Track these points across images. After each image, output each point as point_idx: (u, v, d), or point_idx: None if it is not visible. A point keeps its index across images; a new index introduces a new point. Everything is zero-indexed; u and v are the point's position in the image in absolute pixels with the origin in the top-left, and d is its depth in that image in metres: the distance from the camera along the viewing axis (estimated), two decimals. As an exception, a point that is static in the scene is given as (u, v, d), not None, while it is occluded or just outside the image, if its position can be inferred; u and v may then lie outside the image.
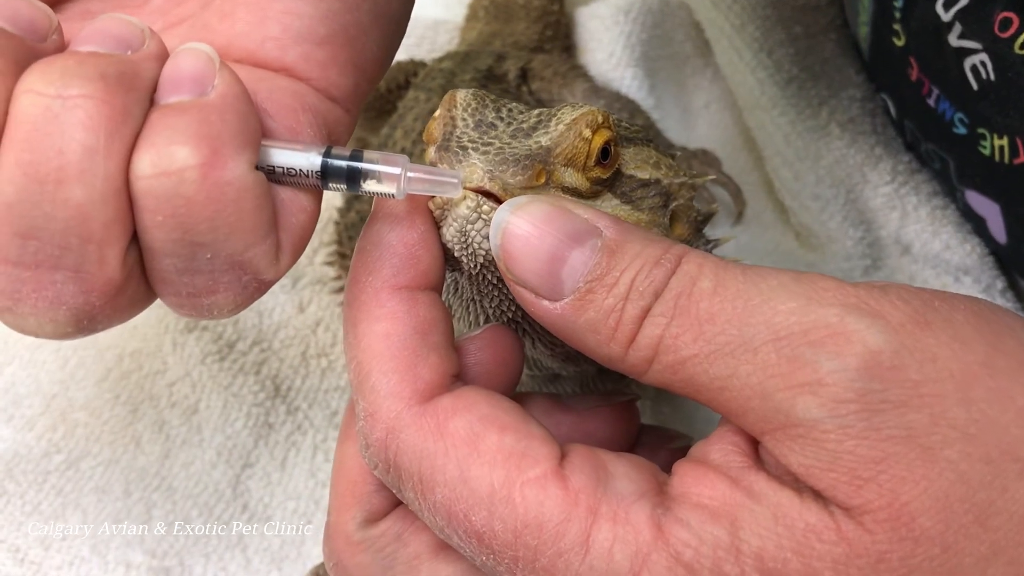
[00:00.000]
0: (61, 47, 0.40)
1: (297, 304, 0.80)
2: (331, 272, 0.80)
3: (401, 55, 0.51)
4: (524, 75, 0.89)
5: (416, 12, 0.51)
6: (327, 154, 0.41)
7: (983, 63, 0.66)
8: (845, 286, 0.37)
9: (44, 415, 0.74)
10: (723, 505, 0.37)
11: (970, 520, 0.35)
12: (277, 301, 0.80)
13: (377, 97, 0.91)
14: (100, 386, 0.76)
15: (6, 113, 0.36)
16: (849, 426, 0.35)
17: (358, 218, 0.77)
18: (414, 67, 0.92)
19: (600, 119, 0.45)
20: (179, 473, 0.72)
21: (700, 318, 0.38)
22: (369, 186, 0.42)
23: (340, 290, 0.79)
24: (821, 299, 0.37)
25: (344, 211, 0.79)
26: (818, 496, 0.36)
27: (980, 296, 0.76)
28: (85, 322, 0.39)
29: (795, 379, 0.36)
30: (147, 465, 0.72)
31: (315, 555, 0.69)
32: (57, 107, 0.35)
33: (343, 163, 0.41)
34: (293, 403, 0.76)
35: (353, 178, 0.41)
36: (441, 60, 0.90)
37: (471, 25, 1.01)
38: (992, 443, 0.35)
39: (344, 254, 0.78)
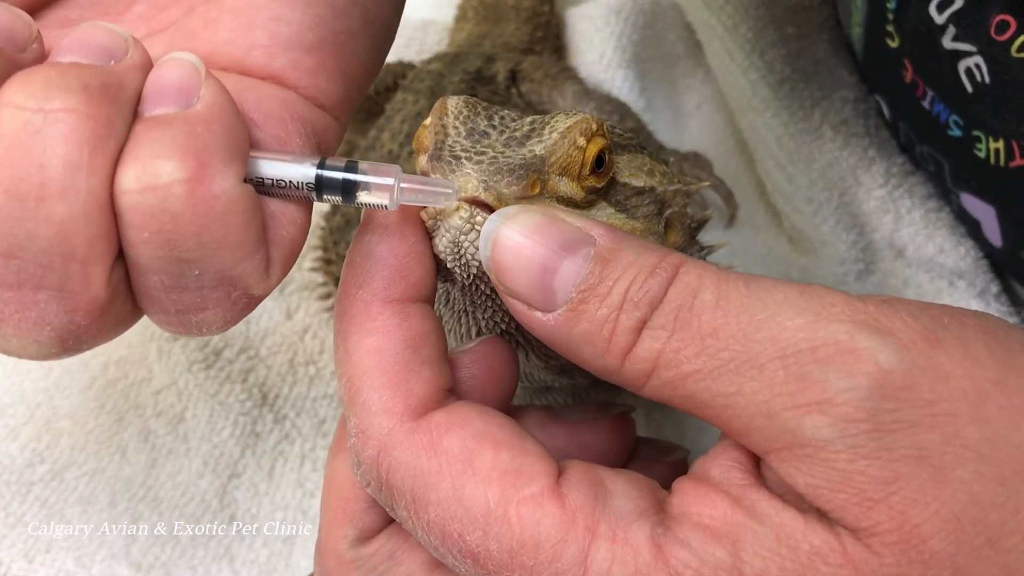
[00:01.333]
0: (42, 57, 0.39)
1: (284, 310, 0.79)
2: (318, 278, 0.79)
3: (389, 57, 0.50)
4: (514, 77, 0.88)
5: (405, 13, 0.50)
6: (321, 165, 0.40)
7: (978, 66, 0.66)
8: (853, 301, 0.36)
9: (28, 424, 0.73)
10: (724, 525, 0.37)
11: (981, 542, 0.34)
12: (264, 307, 0.78)
13: (365, 99, 0.89)
14: (85, 395, 0.74)
15: None
16: (860, 446, 0.34)
17: (343, 222, 0.76)
18: (402, 69, 0.91)
19: (594, 127, 0.44)
20: (165, 483, 0.71)
21: (702, 332, 0.37)
22: (361, 197, 0.41)
23: (326, 297, 0.78)
24: (829, 315, 0.36)
25: (329, 215, 0.78)
26: (823, 517, 0.36)
27: (975, 301, 0.76)
28: (70, 342, 0.37)
29: (803, 398, 0.35)
30: (133, 475, 0.71)
31: (304, 567, 0.68)
32: (38, 121, 0.34)
33: (338, 175, 0.40)
34: (280, 411, 0.75)
35: (348, 190, 0.40)
36: (430, 62, 0.89)
37: (460, 26, 1.00)
38: (1005, 463, 0.34)
39: (329, 260, 0.76)
